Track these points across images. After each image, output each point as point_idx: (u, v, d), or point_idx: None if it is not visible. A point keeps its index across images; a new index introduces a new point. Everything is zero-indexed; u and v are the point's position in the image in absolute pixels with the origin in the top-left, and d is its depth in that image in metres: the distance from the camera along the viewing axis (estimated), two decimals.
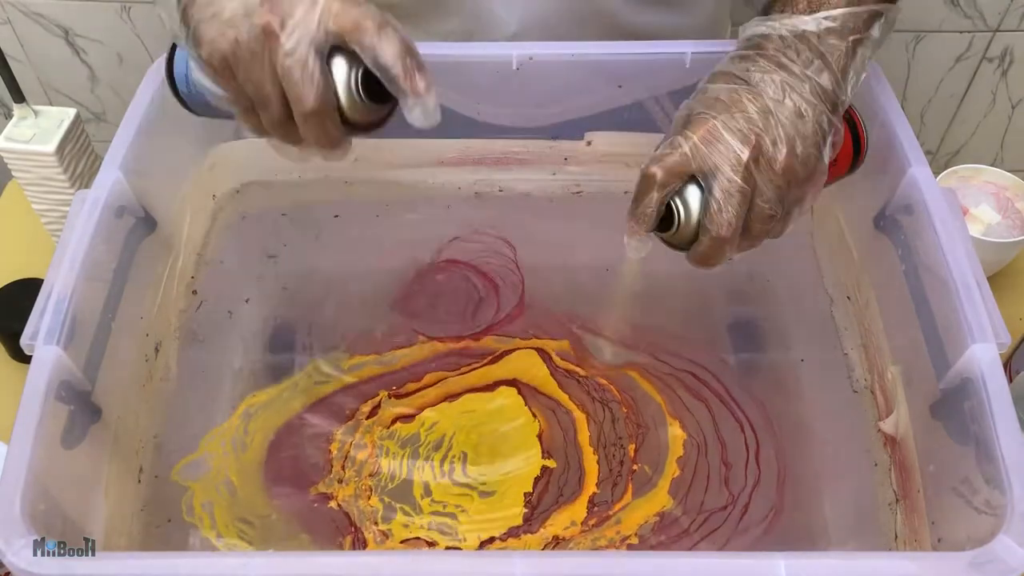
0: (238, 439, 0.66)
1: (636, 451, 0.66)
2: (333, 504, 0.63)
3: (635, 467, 0.65)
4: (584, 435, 0.67)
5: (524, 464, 0.65)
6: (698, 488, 0.64)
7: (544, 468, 0.65)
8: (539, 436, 0.67)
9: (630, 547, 0.61)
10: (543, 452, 0.66)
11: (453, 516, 0.63)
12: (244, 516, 0.62)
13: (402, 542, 0.61)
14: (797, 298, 0.74)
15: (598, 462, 0.66)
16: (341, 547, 0.61)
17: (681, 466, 0.65)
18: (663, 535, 0.61)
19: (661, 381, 0.70)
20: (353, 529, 0.62)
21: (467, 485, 0.64)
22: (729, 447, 0.66)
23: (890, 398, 0.62)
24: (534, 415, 0.68)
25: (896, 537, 0.59)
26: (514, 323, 0.75)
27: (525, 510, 0.63)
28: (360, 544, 0.61)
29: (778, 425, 0.67)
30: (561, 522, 0.63)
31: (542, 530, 0.62)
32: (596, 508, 0.63)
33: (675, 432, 0.67)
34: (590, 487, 0.64)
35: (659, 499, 0.63)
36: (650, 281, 0.76)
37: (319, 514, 0.63)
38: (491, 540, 0.62)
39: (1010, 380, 0.74)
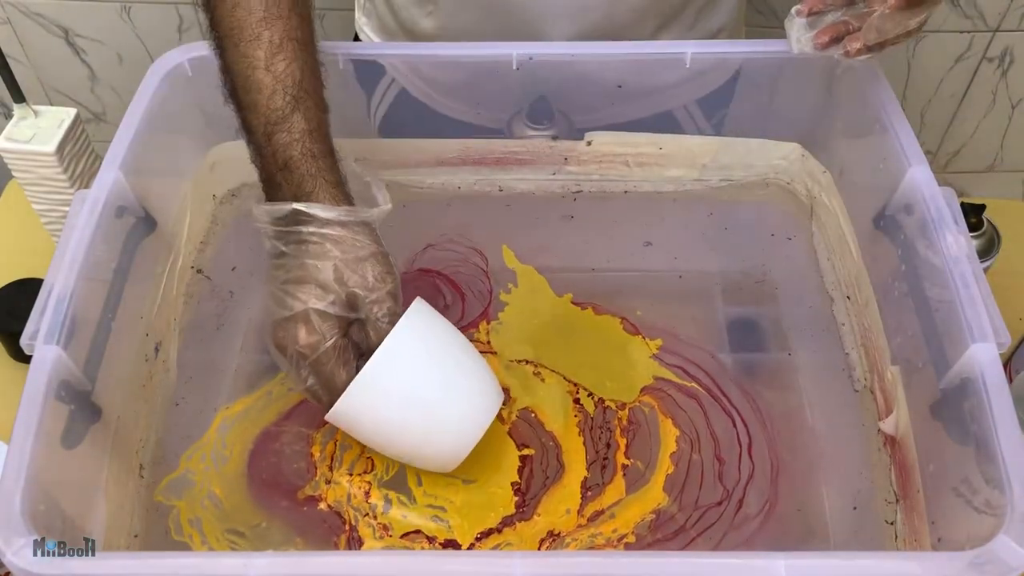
0: (217, 452, 0.66)
1: (627, 447, 0.66)
2: (323, 506, 0.63)
3: (627, 462, 0.65)
4: (554, 423, 0.67)
5: (502, 457, 0.65)
6: (692, 484, 0.64)
7: (524, 457, 0.65)
8: (509, 432, 0.67)
9: (627, 546, 0.61)
10: (517, 444, 0.66)
11: (443, 508, 0.63)
12: (234, 527, 0.62)
13: (402, 536, 0.61)
14: (797, 298, 0.74)
15: (584, 444, 0.66)
16: (336, 547, 0.61)
17: (675, 462, 0.65)
18: (659, 533, 0.61)
19: (654, 378, 0.70)
20: (348, 528, 0.62)
21: (451, 475, 0.64)
22: (722, 443, 0.66)
23: (890, 398, 0.62)
24: (501, 418, 0.68)
25: (896, 537, 0.59)
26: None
27: (516, 498, 0.63)
28: (355, 543, 0.61)
29: (771, 422, 0.66)
30: (555, 508, 0.63)
31: (536, 517, 0.62)
32: (589, 492, 0.63)
33: (667, 428, 0.67)
34: (579, 469, 0.65)
35: (654, 496, 0.63)
36: (651, 279, 0.76)
37: (310, 517, 0.63)
38: (489, 532, 0.62)
39: (1010, 380, 0.74)
